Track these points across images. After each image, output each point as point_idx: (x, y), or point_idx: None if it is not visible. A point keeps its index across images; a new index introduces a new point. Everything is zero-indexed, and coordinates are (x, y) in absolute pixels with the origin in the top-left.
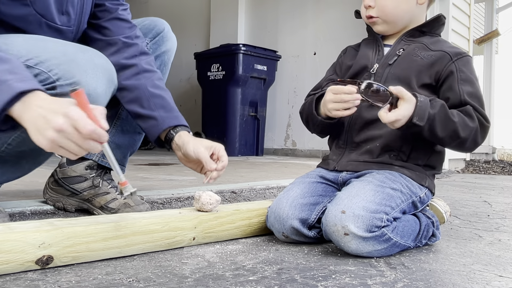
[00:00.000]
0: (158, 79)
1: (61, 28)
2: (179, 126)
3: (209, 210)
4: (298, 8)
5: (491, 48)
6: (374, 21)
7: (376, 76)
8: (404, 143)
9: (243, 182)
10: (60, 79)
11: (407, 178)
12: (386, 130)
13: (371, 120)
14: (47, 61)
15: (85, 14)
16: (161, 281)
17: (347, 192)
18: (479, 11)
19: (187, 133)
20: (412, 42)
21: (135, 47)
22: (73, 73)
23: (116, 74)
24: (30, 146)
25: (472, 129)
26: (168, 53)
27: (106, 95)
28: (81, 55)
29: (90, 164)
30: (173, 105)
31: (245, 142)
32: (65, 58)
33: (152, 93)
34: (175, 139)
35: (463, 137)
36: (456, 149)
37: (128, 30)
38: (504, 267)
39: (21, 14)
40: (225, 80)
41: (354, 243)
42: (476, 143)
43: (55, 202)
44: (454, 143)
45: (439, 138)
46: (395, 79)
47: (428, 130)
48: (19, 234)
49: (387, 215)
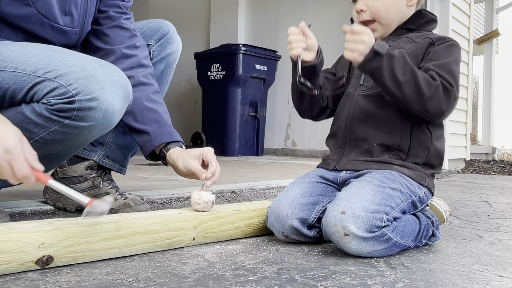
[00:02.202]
0: (153, 92)
1: (64, 29)
2: (171, 143)
3: (200, 210)
4: (298, 8)
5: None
6: (372, 28)
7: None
8: (402, 141)
9: (243, 182)
10: (79, 94)
11: (407, 177)
12: (383, 128)
13: (368, 117)
14: (67, 75)
15: (89, 15)
16: (161, 281)
17: (347, 192)
18: (479, 11)
19: (179, 149)
20: (397, 39)
21: (133, 59)
22: (92, 88)
23: (132, 90)
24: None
25: (433, 86)
26: (173, 55)
27: (121, 112)
28: (100, 70)
29: (91, 165)
30: (166, 119)
31: (245, 142)
32: (85, 73)
33: (146, 107)
34: (167, 158)
35: (425, 92)
36: (421, 112)
37: (128, 39)
38: (504, 267)
39: (24, 14)
40: (225, 80)
41: (355, 244)
42: (440, 106)
43: (55, 202)
44: (417, 99)
45: (400, 83)
46: None
47: (388, 69)
48: (19, 234)
49: (387, 215)
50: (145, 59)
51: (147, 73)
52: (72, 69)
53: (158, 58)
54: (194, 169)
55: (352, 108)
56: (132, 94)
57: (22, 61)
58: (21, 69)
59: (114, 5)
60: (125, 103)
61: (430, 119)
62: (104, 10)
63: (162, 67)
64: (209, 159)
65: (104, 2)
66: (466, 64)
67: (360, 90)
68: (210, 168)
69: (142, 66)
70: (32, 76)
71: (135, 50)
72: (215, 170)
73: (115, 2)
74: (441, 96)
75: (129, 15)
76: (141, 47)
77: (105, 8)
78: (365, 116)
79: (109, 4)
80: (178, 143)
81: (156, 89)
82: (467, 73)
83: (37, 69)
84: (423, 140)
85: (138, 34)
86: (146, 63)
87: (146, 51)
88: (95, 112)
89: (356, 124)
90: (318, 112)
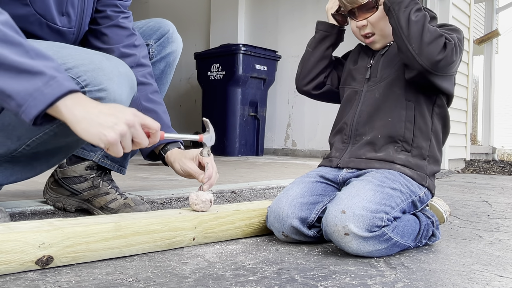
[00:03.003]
0: (152, 92)
1: (61, 29)
2: (169, 144)
3: (199, 210)
4: (298, 8)
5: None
6: (372, 40)
7: (372, 69)
8: (406, 131)
9: (243, 182)
10: (88, 85)
11: (407, 177)
12: (388, 118)
13: (375, 110)
14: (75, 68)
15: (86, 15)
16: (161, 281)
17: (347, 192)
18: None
19: (176, 150)
20: None
21: (132, 58)
22: (100, 80)
23: (136, 82)
24: (47, 147)
25: (437, 33)
26: (173, 55)
27: (127, 102)
28: (107, 63)
29: (90, 165)
30: (165, 119)
31: (245, 142)
32: (92, 65)
33: (144, 107)
34: (166, 159)
35: (427, 35)
36: (417, 52)
37: (127, 38)
38: (504, 267)
39: (22, 14)
40: (225, 80)
41: (355, 243)
42: (435, 53)
43: (55, 202)
44: (418, 39)
45: (411, 20)
46: (387, 66)
47: (408, 3)
48: (19, 234)
49: (387, 215)
50: (144, 58)
51: (146, 72)
52: (80, 62)
53: (157, 58)
54: (191, 171)
55: (361, 103)
56: (136, 85)
57: None
58: None
59: (112, 5)
60: (130, 94)
61: (422, 65)
62: (101, 10)
63: (162, 67)
64: (205, 161)
65: (101, 1)
66: (466, 64)
67: (368, 85)
68: (206, 171)
69: (141, 65)
70: None
71: (134, 49)
72: (211, 174)
73: (113, 2)
74: (440, 45)
75: (127, 14)
76: (140, 46)
77: (103, 8)
78: (373, 109)
79: (106, 3)
80: (177, 144)
81: (155, 88)
82: (467, 73)
83: None
84: (424, 129)
85: (137, 33)
86: (144, 63)
87: (145, 50)
88: (104, 102)
89: (364, 118)
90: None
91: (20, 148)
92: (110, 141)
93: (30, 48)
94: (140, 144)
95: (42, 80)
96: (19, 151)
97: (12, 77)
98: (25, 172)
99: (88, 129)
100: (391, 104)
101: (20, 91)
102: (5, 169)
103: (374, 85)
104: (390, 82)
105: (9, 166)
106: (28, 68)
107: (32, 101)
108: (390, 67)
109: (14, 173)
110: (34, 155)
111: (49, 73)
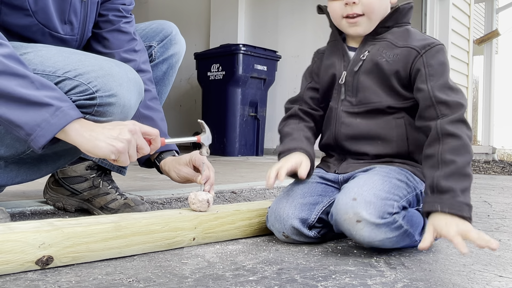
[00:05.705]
0: (151, 98)
1: (64, 38)
2: (163, 153)
3: (197, 209)
4: (298, 8)
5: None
6: (356, 21)
7: (347, 87)
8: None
9: (243, 182)
10: (99, 90)
11: (409, 172)
12: (377, 141)
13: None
14: (86, 74)
15: (89, 22)
16: (161, 281)
17: (355, 182)
18: (479, 11)
19: (170, 159)
20: (377, 41)
21: (132, 64)
22: (110, 85)
23: (143, 88)
24: (55, 149)
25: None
26: (176, 56)
27: (136, 107)
28: (116, 69)
29: (90, 165)
30: (162, 127)
31: (245, 142)
32: (102, 71)
33: (142, 115)
34: (161, 168)
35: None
36: None
37: (127, 43)
38: (504, 267)
39: (25, 24)
40: (225, 80)
41: (367, 230)
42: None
43: (55, 202)
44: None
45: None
46: (364, 89)
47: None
48: (19, 234)
49: (397, 203)
50: (144, 64)
51: (146, 78)
52: (90, 68)
53: (160, 59)
54: (188, 176)
55: (338, 124)
56: (144, 91)
57: (39, 62)
58: (40, 70)
59: (114, 9)
60: (138, 99)
61: None
62: (104, 14)
63: (164, 69)
64: (198, 164)
65: (104, 6)
66: (466, 64)
67: (343, 105)
68: (203, 172)
69: (141, 71)
70: (52, 76)
71: (134, 54)
72: (208, 175)
73: (115, 6)
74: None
75: (129, 19)
76: (140, 51)
77: (105, 12)
78: (354, 132)
79: (109, 8)
80: (171, 152)
81: (154, 95)
82: (467, 73)
83: (56, 70)
84: (420, 141)
85: (138, 37)
86: (144, 68)
87: (146, 56)
88: (114, 108)
89: (347, 140)
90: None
91: (28, 151)
92: (119, 150)
93: (35, 79)
94: (143, 150)
95: (49, 111)
96: (27, 153)
97: (20, 108)
98: (30, 174)
99: (98, 145)
100: (377, 127)
101: (29, 122)
102: (10, 170)
103: (351, 107)
104: (374, 109)
105: (15, 168)
106: (35, 100)
107: (40, 131)
108: (370, 91)
109: (19, 174)
110: (42, 157)
111: (56, 104)
